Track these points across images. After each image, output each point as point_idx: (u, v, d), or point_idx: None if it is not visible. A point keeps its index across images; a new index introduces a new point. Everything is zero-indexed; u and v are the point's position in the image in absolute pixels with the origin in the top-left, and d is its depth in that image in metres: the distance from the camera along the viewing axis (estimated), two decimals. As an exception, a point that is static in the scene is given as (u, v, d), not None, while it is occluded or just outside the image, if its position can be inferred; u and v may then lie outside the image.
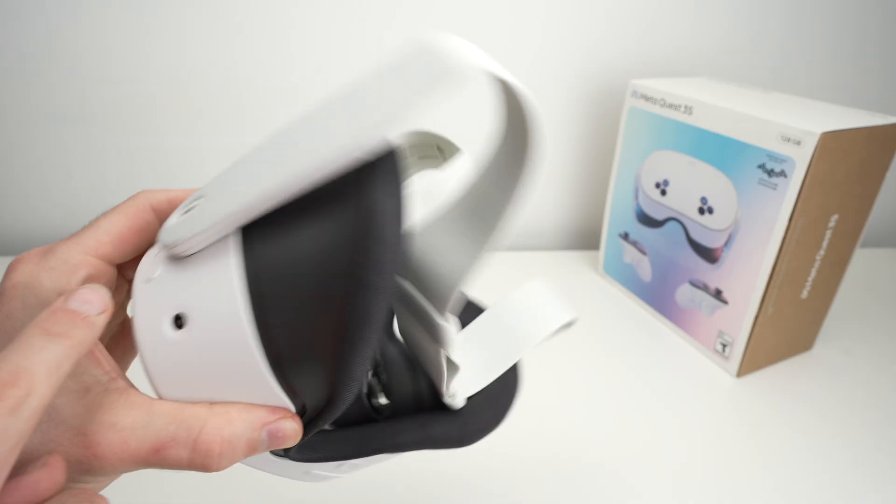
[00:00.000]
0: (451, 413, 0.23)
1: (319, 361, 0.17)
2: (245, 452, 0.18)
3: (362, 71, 0.18)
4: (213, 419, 0.17)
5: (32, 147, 0.60)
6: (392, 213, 0.16)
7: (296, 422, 0.18)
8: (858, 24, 0.64)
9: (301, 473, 0.22)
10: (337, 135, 0.16)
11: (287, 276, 0.17)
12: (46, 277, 0.18)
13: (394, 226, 0.16)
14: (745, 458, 0.40)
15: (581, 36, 0.61)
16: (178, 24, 0.55)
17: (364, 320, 0.16)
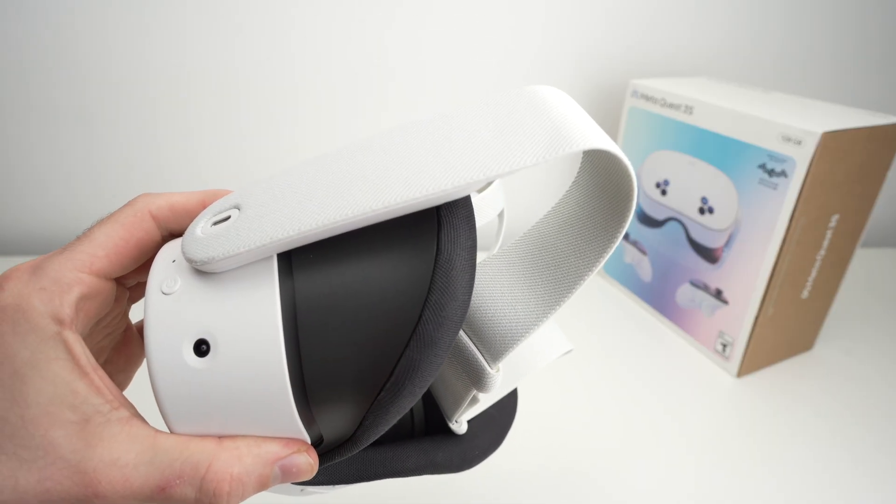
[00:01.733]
0: (452, 438, 0.23)
1: (353, 402, 0.16)
2: (255, 489, 0.17)
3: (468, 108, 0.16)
4: (223, 455, 0.16)
5: (32, 147, 0.60)
6: (467, 269, 0.15)
7: (311, 456, 0.17)
8: (858, 24, 0.64)
9: (297, 491, 0.21)
10: (439, 176, 0.14)
11: (336, 309, 0.15)
12: (37, 299, 0.16)
13: (467, 282, 0.15)
14: (746, 457, 0.40)
15: (581, 36, 0.61)
16: (177, 24, 0.55)
17: (415, 373, 0.15)
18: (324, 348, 0.16)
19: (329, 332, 0.15)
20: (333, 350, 0.16)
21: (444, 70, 0.61)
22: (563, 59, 0.62)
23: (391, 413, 0.16)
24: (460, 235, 0.15)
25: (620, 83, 0.64)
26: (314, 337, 0.15)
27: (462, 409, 0.21)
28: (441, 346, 0.15)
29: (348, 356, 0.16)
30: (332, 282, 0.15)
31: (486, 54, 0.61)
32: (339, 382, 0.16)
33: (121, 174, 0.62)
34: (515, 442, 0.40)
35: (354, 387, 0.16)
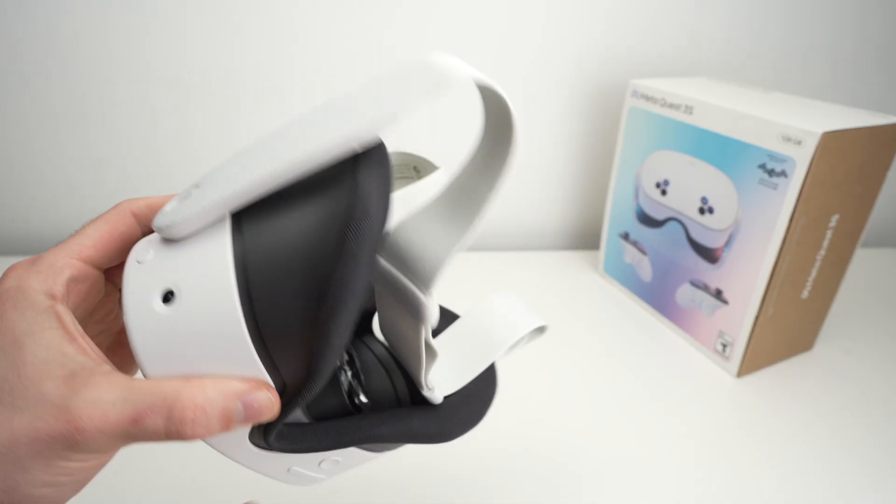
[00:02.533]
0: (430, 408, 0.24)
1: (299, 332, 0.18)
2: (220, 421, 0.18)
3: (365, 79, 0.20)
4: (188, 388, 0.18)
5: (32, 147, 0.60)
6: (379, 194, 0.18)
7: (271, 393, 0.19)
8: (858, 24, 0.64)
9: (283, 472, 0.22)
10: (338, 128, 0.17)
11: (275, 251, 0.18)
12: (34, 279, 0.19)
13: (380, 204, 0.18)
14: (746, 457, 0.40)
15: (581, 36, 0.61)
16: (177, 24, 0.55)
17: (344, 286, 0.17)
18: (270, 287, 0.18)
19: (274, 272, 0.18)
20: (280, 287, 0.18)
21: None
22: (563, 59, 0.62)
23: (334, 336, 0.17)
24: (372, 168, 0.18)
25: (620, 83, 0.64)
26: (263, 280, 0.18)
27: (424, 364, 0.22)
28: (362, 258, 0.17)
29: (289, 289, 0.18)
30: (274, 228, 0.18)
31: (487, 54, 0.61)
32: (285, 315, 0.18)
33: (121, 174, 0.62)
34: (515, 440, 0.40)
35: (299, 316, 0.18)
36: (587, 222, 0.72)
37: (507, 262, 0.66)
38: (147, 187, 0.63)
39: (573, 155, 0.68)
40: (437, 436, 0.23)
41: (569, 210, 0.71)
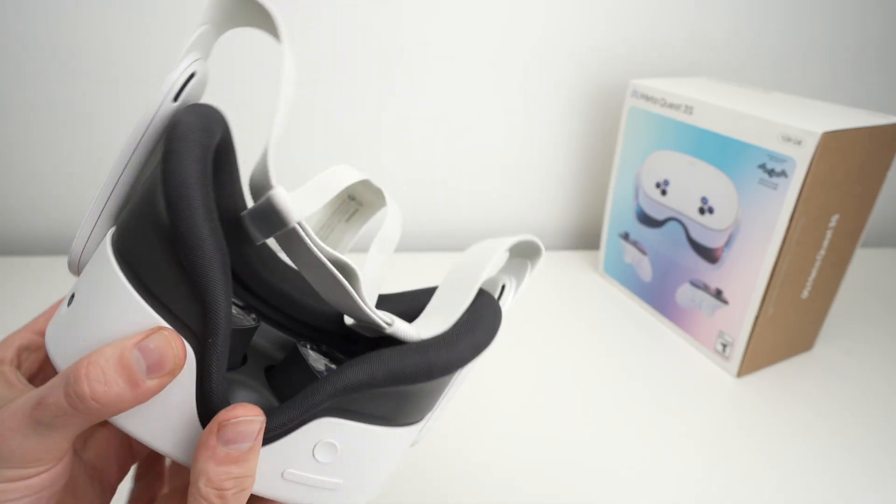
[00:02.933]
0: (408, 344, 0.20)
1: (166, 259, 0.18)
2: (118, 373, 0.17)
3: None
4: (86, 356, 0.17)
5: (33, 147, 0.60)
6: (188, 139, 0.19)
7: (170, 335, 0.18)
8: (858, 25, 0.64)
9: (279, 480, 0.20)
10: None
11: (131, 215, 0.19)
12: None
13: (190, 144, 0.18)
14: (746, 457, 0.40)
15: (581, 36, 0.61)
16: (177, 25, 0.55)
17: (170, 178, 0.18)
18: (137, 243, 0.19)
19: (134, 230, 0.19)
20: (142, 238, 0.18)
21: (444, 72, 0.61)
22: (562, 58, 0.62)
23: (187, 230, 0.17)
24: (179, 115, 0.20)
25: (620, 83, 0.64)
26: (129, 242, 0.19)
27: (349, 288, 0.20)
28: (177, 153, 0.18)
29: (143, 232, 0.19)
30: (130, 209, 0.20)
31: (487, 55, 0.61)
32: (149, 253, 0.18)
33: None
34: (514, 440, 0.40)
35: (156, 246, 0.18)
36: (587, 222, 0.72)
37: (507, 262, 0.66)
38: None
39: (573, 155, 0.68)
40: (429, 368, 0.20)
41: (569, 210, 0.71)
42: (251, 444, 0.18)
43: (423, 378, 0.20)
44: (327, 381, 0.19)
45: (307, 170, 0.64)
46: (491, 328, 0.22)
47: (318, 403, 0.19)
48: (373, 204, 0.28)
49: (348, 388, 0.19)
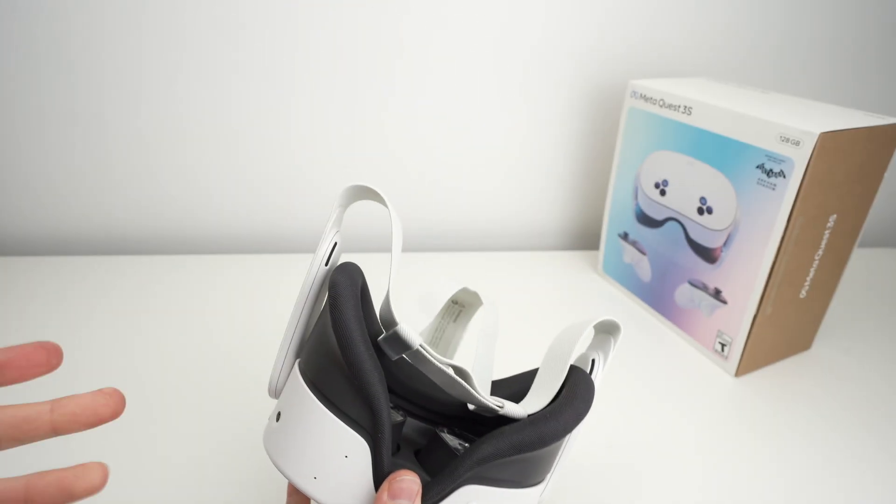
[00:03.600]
0: (519, 421, 0.25)
1: (341, 381, 0.25)
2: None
3: None
4: None
5: (35, 148, 0.60)
6: (345, 294, 0.25)
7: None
8: (858, 26, 0.64)
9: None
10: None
11: (312, 351, 0.27)
12: None
13: (347, 297, 0.25)
14: (744, 456, 0.40)
15: (581, 36, 0.61)
16: (178, 24, 0.56)
17: (341, 332, 0.24)
18: (320, 373, 0.26)
19: (316, 362, 0.26)
20: (324, 369, 0.26)
21: (444, 72, 0.61)
22: (562, 59, 0.62)
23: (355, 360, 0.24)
24: (337, 273, 0.27)
25: (620, 83, 0.64)
26: (315, 371, 0.26)
27: (476, 388, 0.26)
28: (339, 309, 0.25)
29: (328, 364, 0.25)
30: (309, 345, 0.27)
31: (487, 55, 0.61)
32: (333, 381, 0.25)
33: (123, 174, 0.63)
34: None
35: (340, 376, 0.25)
36: (587, 222, 0.73)
37: (507, 262, 0.66)
38: (147, 186, 0.63)
39: (573, 155, 0.68)
40: (542, 438, 0.25)
41: (568, 210, 0.71)
42: (411, 503, 0.23)
43: (538, 446, 0.25)
44: (465, 456, 0.24)
45: (308, 170, 0.64)
46: (586, 399, 0.27)
47: (461, 474, 0.24)
48: (473, 304, 0.37)
49: (482, 460, 0.24)
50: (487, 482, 0.25)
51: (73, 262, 0.61)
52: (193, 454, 0.38)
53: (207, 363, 0.47)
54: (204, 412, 0.41)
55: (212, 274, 0.60)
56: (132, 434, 0.39)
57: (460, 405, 0.30)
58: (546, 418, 0.25)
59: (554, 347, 0.30)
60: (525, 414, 0.27)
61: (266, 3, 0.56)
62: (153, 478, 0.36)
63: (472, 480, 0.25)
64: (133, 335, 0.50)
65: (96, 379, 0.44)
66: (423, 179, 0.67)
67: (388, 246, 0.70)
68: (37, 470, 0.23)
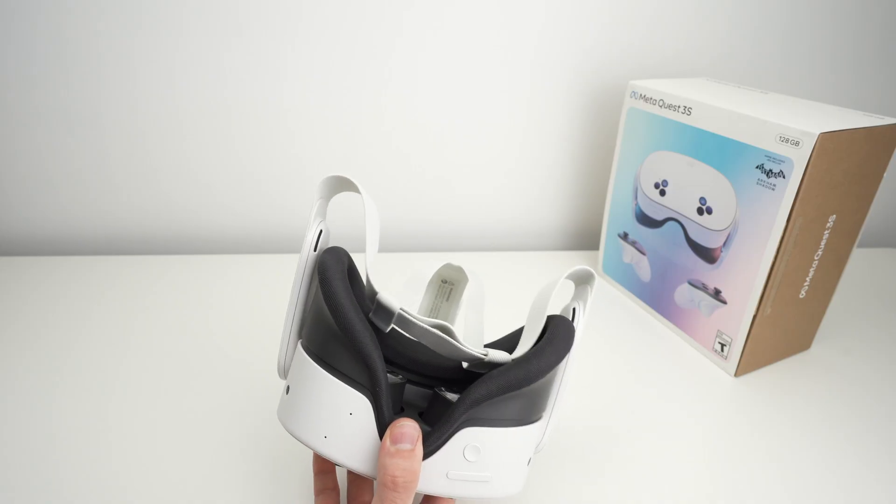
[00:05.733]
0: (507, 365, 0.28)
1: (339, 347, 0.27)
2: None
3: None
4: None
5: (36, 149, 0.60)
6: (332, 269, 0.28)
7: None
8: (858, 27, 0.64)
9: (444, 480, 0.27)
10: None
11: (311, 328, 0.29)
12: None
13: (334, 271, 0.28)
14: (744, 457, 0.40)
15: (581, 37, 0.61)
16: (178, 24, 0.56)
17: (332, 301, 0.27)
18: (316, 339, 0.29)
19: (315, 329, 0.29)
20: (320, 336, 0.29)
21: (444, 72, 0.61)
22: (563, 59, 0.62)
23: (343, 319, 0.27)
24: (325, 254, 0.30)
25: (620, 84, 0.64)
26: (315, 346, 0.29)
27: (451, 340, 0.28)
28: (327, 279, 0.28)
29: (321, 328, 0.29)
30: (309, 315, 0.30)
31: (487, 57, 0.61)
32: (327, 343, 0.28)
33: (124, 174, 0.63)
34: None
35: (336, 342, 0.28)
36: (586, 222, 0.73)
37: (506, 261, 0.66)
38: (151, 187, 0.63)
39: (573, 155, 0.68)
40: (525, 380, 0.27)
41: (568, 210, 0.71)
42: (412, 448, 0.26)
43: (525, 383, 0.27)
44: (459, 401, 0.27)
45: (309, 170, 0.64)
46: (566, 338, 0.30)
47: (457, 418, 0.26)
48: (460, 280, 0.40)
49: (474, 402, 0.26)
50: (484, 423, 0.27)
51: (73, 262, 0.61)
52: (194, 454, 0.38)
53: (207, 363, 0.47)
54: (205, 411, 0.41)
55: (212, 274, 0.60)
56: (132, 434, 0.39)
57: (456, 367, 0.33)
58: (529, 358, 0.28)
59: (534, 304, 0.32)
60: (510, 358, 0.29)
61: (266, 5, 0.56)
62: (154, 477, 0.36)
63: (470, 423, 0.27)
64: (133, 335, 0.50)
65: (96, 378, 0.44)
66: (423, 180, 0.67)
67: (381, 245, 0.70)
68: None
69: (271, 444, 0.39)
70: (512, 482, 0.29)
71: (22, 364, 0.45)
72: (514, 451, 0.29)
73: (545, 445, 0.33)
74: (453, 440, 0.27)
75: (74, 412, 0.41)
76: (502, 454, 0.28)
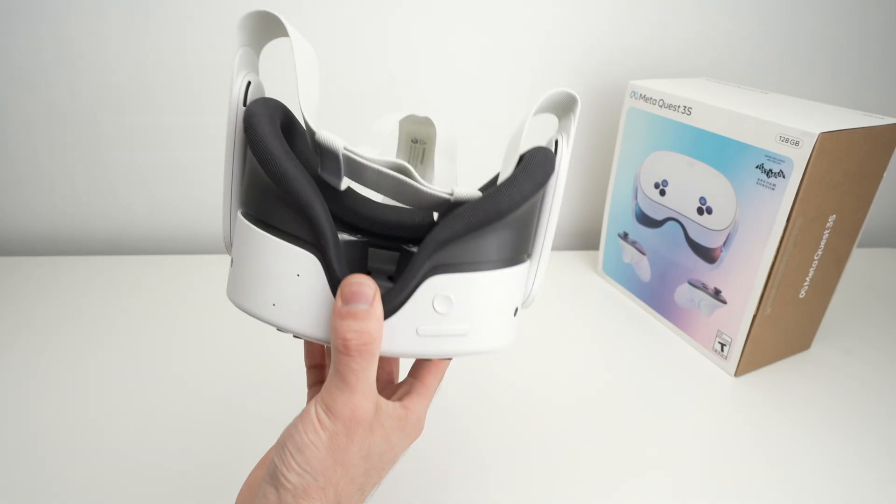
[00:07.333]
0: (476, 200, 0.24)
1: (277, 203, 0.24)
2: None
3: None
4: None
5: (34, 148, 0.60)
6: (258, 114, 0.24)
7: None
8: (858, 28, 0.64)
9: (414, 337, 0.24)
10: None
11: (247, 190, 0.26)
12: None
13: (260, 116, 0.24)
14: (744, 456, 0.40)
15: (581, 37, 0.61)
16: (177, 24, 0.56)
17: (259, 149, 0.23)
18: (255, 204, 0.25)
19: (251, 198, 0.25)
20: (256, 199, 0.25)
21: (444, 72, 0.61)
22: (563, 60, 0.62)
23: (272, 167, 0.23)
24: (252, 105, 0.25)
25: (620, 84, 0.64)
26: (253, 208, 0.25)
27: (409, 180, 0.24)
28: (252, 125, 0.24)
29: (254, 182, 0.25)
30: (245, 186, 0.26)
31: (488, 57, 0.61)
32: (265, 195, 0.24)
33: (123, 174, 0.63)
34: (514, 439, 0.40)
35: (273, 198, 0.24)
36: (586, 222, 0.73)
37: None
38: (150, 186, 0.63)
39: (573, 155, 0.68)
40: (497, 209, 0.23)
41: (568, 210, 0.71)
42: (368, 307, 0.22)
43: (495, 217, 0.23)
44: (422, 246, 0.23)
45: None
46: (544, 166, 0.25)
47: (420, 266, 0.23)
48: (431, 136, 0.34)
49: (439, 245, 0.23)
50: (454, 269, 0.23)
51: (72, 262, 0.61)
52: (194, 453, 0.38)
53: (207, 362, 0.47)
54: (203, 411, 0.41)
55: (213, 273, 0.60)
56: (132, 434, 0.39)
57: (427, 223, 0.28)
58: (499, 190, 0.23)
59: (509, 142, 0.28)
60: (479, 193, 0.25)
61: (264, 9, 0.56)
62: (155, 477, 0.36)
63: (438, 271, 0.23)
64: (132, 335, 0.50)
65: (94, 378, 0.44)
66: (422, 180, 0.67)
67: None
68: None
69: (270, 442, 0.39)
70: (495, 334, 0.25)
71: (22, 364, 0.45)
72: (494, 298, 0.25)
73: (536, 295, 0.29)
74: (419, 292, 0.23)
75: (72, 411, 0.41)
76: (479, 302, 0.24)
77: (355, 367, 0.23)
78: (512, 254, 0.25)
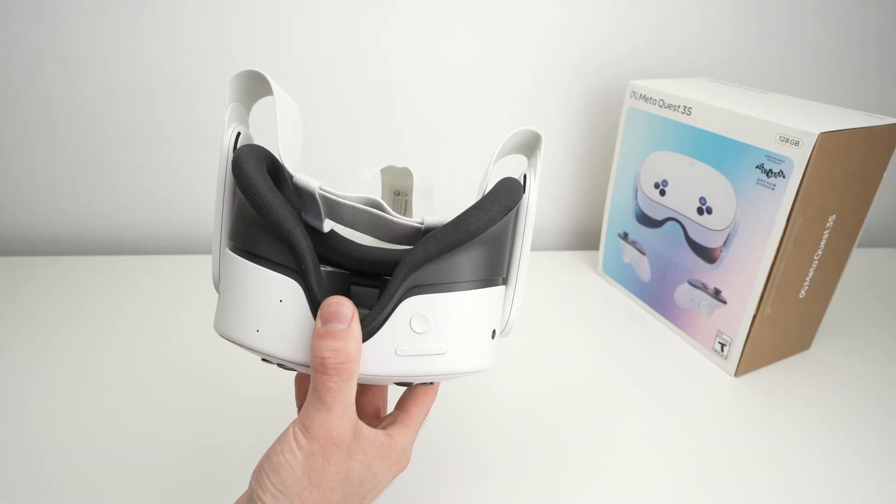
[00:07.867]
0: (447, 224, 0.25)
1: (261, 234, 0.25)
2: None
3: None
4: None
5: (33, 148, 0.60)
6: (245, 156, 0.25)
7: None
8: (858, 28, 0.64)
9: (393, 358, 0.25)
10: None
11: (233, 225, 0.27)
12: None
13: (247, 157, 0.25)
14: (744, 456, 0.40)
15: (581, 37, 0.61)
16: (177, 24, 0.56)
17: (245, 184, 0.24)
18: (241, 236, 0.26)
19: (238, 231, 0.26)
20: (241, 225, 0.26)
21: (445, 72, 0.61)
22: (563, 60, 0.62)
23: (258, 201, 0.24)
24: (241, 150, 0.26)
25: (620, 84, 0.64)
26: (239, 240, 0.26)
27: (382, 213, 0.26)
28: (240, 168, 0.25)
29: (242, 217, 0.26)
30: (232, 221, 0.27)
31: (488, 57, 0.61)
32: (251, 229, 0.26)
33: (123, 174, 0.63)
34: (514, 439, 0.40)
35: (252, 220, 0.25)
36: (586, 222, 0.73)
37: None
38: (149, 186, 0.63)
39: (573, 155, 0.68)
40: (467, 230, 0.24)
41: (568, 210, 0.71)
42: (346, 327, 0.23)
43: (466, 237, 0.24)
44: (398, 268, 0.24)
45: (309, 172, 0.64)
46: (511, 192, 0.26)
47: (396, 287, 0.24)
48: (410, 187, 0.36)
49: (414, 265, 0.24)
50: (431, 289, 0.24)
51: (72, 262, 0.61)
52: (194, 453, 0.38)
53: (207, 362, 0.47)
54: (203, 411, 0.41)
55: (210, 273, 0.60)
56: (132, 433, 0.39)
57: None
58: (468, 212, 0.25)
59: (479, 186, 0.29)
60: (448, 218, 0.26)
61: (266, 15, 0.56)
62: (154, 477, 0.36)
63: (414, 292, 0.24)
64: (132, 335, 0.50)
65: (94, 378, 0.44)
66: (422, 180, 0.67)
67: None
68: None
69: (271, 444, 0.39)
70: (474, 355, 0.26)
71: (22, 364, 0.45)
72: (470, 317, 0.26)
73: (514, 323, 0.30)
74: (397, 313, 0.24)
75: (72, 411, 0.41)
76: (456, 321, 0.25)
77: (332, 387, 0.23)
78: (486, 274, 0.26)
